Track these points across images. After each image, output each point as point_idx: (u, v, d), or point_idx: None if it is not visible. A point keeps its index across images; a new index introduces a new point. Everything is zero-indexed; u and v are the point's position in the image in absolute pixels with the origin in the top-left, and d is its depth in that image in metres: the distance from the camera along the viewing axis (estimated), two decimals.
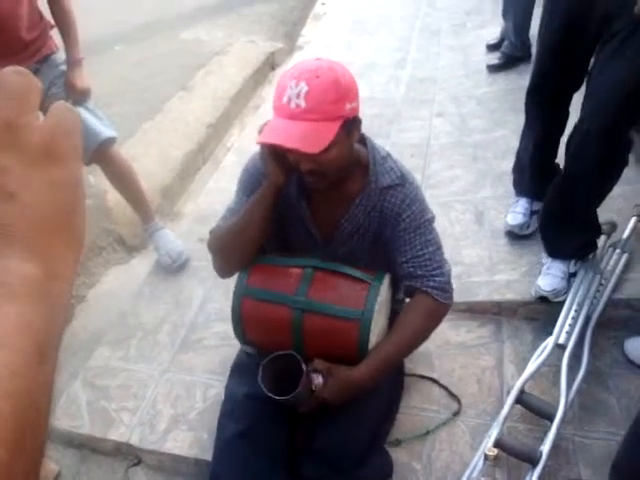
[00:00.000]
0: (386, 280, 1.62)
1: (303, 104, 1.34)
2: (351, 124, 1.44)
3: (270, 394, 1.49)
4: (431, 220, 1.62)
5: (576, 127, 2.01)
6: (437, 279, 1.59)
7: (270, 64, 4.65)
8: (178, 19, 5.40)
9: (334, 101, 1.37)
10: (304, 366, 1.51)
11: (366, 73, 3.88)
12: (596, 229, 2.16)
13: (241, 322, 1.65)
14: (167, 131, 3.60)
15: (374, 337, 1.58)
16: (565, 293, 2.12)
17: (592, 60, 2.00)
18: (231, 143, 3.71)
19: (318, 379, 1.54)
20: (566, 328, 1.95)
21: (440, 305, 1.62)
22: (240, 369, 1.83)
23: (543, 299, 2.13)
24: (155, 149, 3.43)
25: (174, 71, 4.47)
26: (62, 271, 0.39)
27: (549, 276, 2.14)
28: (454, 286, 2.27)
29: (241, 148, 3.37)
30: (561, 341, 1.93)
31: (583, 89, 2.04)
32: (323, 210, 1.62)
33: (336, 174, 1.48)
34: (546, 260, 2.21)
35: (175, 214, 3.20)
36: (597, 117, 1.88)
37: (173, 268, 2.60)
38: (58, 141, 0.40)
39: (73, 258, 0.40)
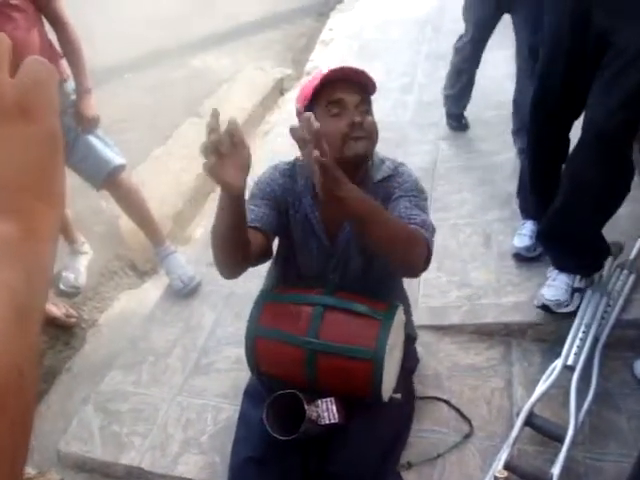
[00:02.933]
0: (398, 314, 1.64)
1: (346, 66, 1.53)
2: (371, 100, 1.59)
3: (274, 434, 1.52)
4: (422, 197, 1.62)
5: (575, 148, 2.03)
6: (418, 219, 1.51)
7: (279, 90, 4.72)
8: (187, 46, 5.49)
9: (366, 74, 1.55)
10: (306, 406, 1.54)
11: (373, 97, 3.92)
12: (602, 250, 2.17)
13: (255, 360, 1.69)
14: (178, 156, 3.66)
15: (387, 375, 1.60)
16: (567, 306, 2.13)
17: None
18: None
19: (324, 413, 1.57)
20: (574, 349, 1.96)
21: (420, 235, 1.47)
22: (253, 394, 1.85)
23: (545, 308, 2.14)
24: (166, 174, 3.48)
25: (184, 97, 4.54)
26: (41, 230, 0.38)
27: (553, 287, 2.16)
28: (463, 308, 2.32)
29: (250, 173, 3.41)
30: (570, 362, 1.93)
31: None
32: (328, 210, 1.64)
33: (373, 142, 1.57)
34: (551, 273, 2.23)
35: (186, 239, 3.24)
36: (599, 124, 1.89)
37: (184, 292, 2.63)
38: (32, 96, 0.39)
39: (53, 216, 0.39)
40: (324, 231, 1.66)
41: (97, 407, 2.22)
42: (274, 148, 3.66)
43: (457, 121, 3.51)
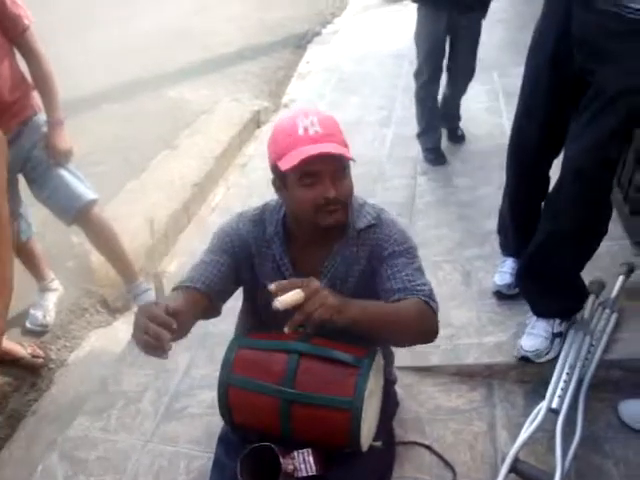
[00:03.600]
0: (377, 358, 1.58)
1: (320, 130, 1.41)
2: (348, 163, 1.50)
3: None
4: (414, 248, 1.59)
5: (554, 188, 2.01)
6: (425, 289, 1.50)
7: (256, 122, 4.70)
8: (164, 78, 5.47)
9: (340, 131, 1.47)
10: (282, 460, 1.47)
11: (351, 131, 3.90)
12: (581, 293, 2.15)
13: (228, 410, 1.61)
14: (152, 190, 3.59)
15: (366, 423, 1.53)
16: (547, 353, 2.09)
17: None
18: (215, 203, 3.70)
19: (301, 465, 1.50)
20: (558, 392, 1.90)
21: (430, 309, 1.47)
22: (227, 441, 1.77)
23: (525, 359, 2.10)
24: (139, 209, 3.41)
25: (160, 129, 4.51)
26: None
27: (532, 336, 2.11)
28: (444, 348, 2.27)
29: (226, 207, 3.36)
30: (554, 406, 1.88)
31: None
32: (303, 262, 1.59)
33: (348, 206, 1.50)
34: (530, 319, 2.19)
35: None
36: (578, 163, 1.86)
37: None
38: None
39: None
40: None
41: (63, 455, 2.11)
42: (251, 181, 3.62)
43: (434, 155, 3.50)
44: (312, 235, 1.55)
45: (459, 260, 2.66)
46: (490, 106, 3.99)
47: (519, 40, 2.78)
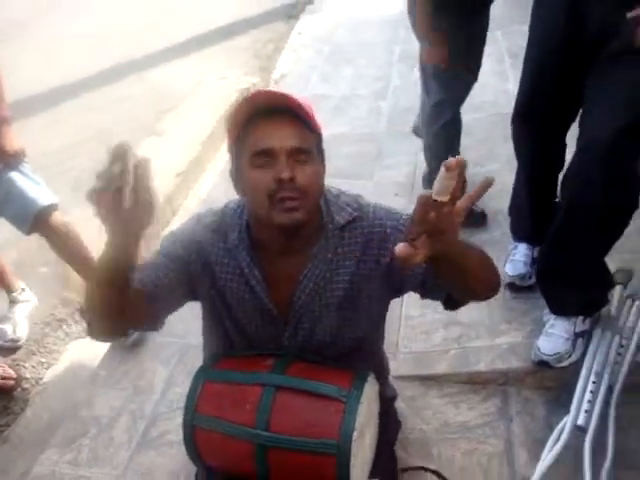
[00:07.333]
0: (368, 385, 1.32)
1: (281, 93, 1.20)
2: (322, 150, 1.26)
3: None
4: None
5: (571, 164, 1.73)
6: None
7: None
8: (148, 59, 5.19)
9: (309, 104, 1.21)
10: None
11: (344, 107, 3.63)
12: (605, 281, 1.87)
13: (196, 453, 1.37)
14: None
15: (358, 465, 1.28)
16: (570, 357, 1.83)
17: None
18: (204, 192, 3.44)
19: None
20: (585, 406, 1.64)
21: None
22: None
23: (544, 364, 1.84)
24: None
25: (144, 115, 4.24)
26: None
27: (551, 337, 1.85)
28: (452, 353, 2.01)
29: (213, 198, 3.10)
30: (580, 422, 1.62)
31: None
32: (277, 272, 1.32)
33: (312, 201, 1.20)
34: (548, 317, 1.92)
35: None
36: (596, 134, 1.61)
37: (128, 344, 2.29)
38: None
39: None
40: (268, 294, 1.32)
41: None
42: None
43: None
44: (279, 238, 1.26)
45: None
46: (494, 70, 3.65)
47: None
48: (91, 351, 2.60)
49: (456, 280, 1.11)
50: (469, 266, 1.06)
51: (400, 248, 0.89)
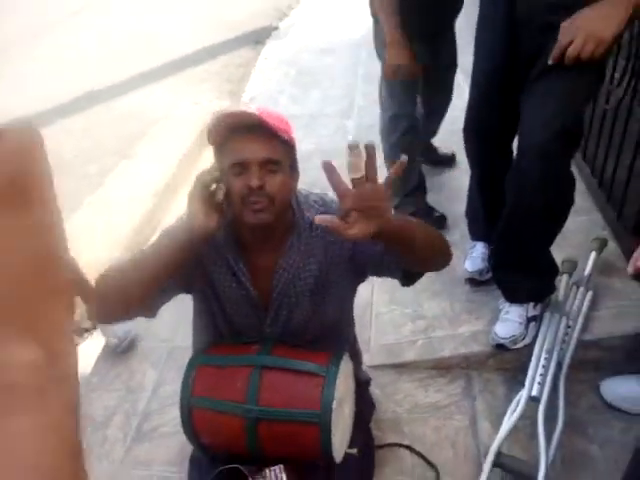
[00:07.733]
0: (344, 363, 1.50)
1: (258, 111, 1.34)
2: (294, 159, 1.43)
3: None
4: None
5: (512, 168, 1.94)
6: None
7: None
8: (120, 85, 5.33)
9: (282, 119, 1.38)
10: None
11: (312, 125, 3.83)
12: (552, 270, 2.08)
13: (193, 432, 1.53)
14: (111, 204, 3.48)
15: (338, 434, 1.46)
16: (523, 339, 2.03)
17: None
18: (180, 211, 3.59)
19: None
20: (537, 379, 1.84)
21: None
22: (199, 460, 1.69)
23: (501, 346, 2.04)
24: (100, 224, 3.29)
25: (116, 141, 4.37)
26: (61, 344, 0.30)
27: (507, 322, 2.05)
28: (419, 342, 2.20)
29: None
30: (534, 393, 1.82)
31: None
32: (257, 265, 1.50)
33: (279, 206, 1.37)
34: (503, 305, 2.12)
35: None
36: (531, 141, 1.81)
37: (120, 350, 2.44)
38: (24, 176, 0.30)
39: (68, 323, 0.31)
40: (252, 284, 1.50)
41: None
42: None
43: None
44: (255, 235, 1.45)
45: None
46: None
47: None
48: (83, 360, 2.74)
49: (407, 252, 1.31)
50: (415, 237, 1.25)
51: (319, 217, 1.15)
